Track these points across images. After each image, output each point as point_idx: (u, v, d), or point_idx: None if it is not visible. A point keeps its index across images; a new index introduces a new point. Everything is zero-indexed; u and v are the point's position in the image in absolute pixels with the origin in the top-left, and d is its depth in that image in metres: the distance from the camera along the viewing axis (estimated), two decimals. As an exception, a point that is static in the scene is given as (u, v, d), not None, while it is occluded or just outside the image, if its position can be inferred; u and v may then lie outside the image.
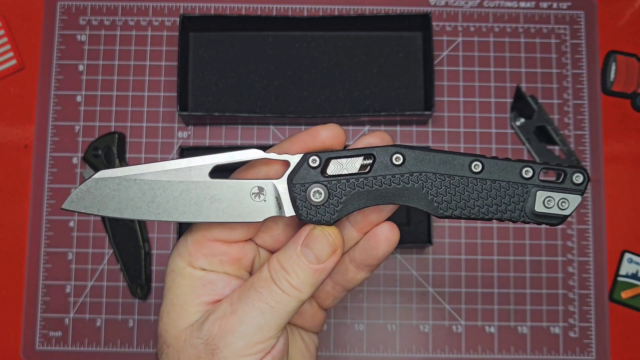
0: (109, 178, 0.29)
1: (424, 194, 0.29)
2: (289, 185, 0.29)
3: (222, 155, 0.29)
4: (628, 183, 0.58)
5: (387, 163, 0.29)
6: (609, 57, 0.59)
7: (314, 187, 0.29)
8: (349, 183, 0.29)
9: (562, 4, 0.60)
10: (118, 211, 0.29)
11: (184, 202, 0.29)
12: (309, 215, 0.29)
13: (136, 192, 0.29)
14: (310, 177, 0.29)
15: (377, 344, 0.55)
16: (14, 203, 0.57)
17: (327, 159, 0.29)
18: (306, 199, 0.29)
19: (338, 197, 0.29)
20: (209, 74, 0.58)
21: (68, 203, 0.29)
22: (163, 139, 0.57)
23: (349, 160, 0.29)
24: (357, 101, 0.58)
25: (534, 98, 0.58)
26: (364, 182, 0.29)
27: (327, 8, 0.59)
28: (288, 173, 0.29)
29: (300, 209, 0.29)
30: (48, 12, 0.59)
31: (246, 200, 0.29)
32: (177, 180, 0.29)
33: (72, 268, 0.56)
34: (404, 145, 0.29)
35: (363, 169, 0.29)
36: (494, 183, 0.29)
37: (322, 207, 0.29)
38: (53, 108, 0.58)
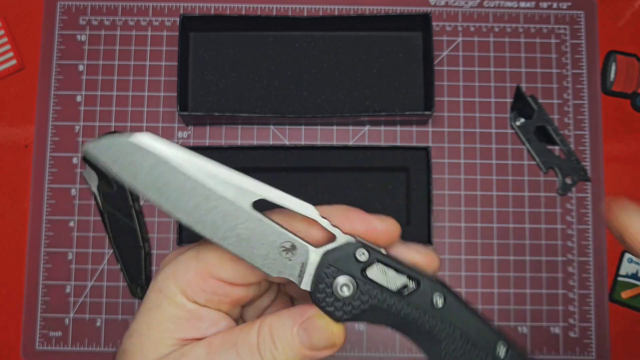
0: (150, 152, 0.25)
1: (440, 349, 0.27)
2: (322, 261, 0.26)
3: (276, 194, 0.26)
4: (628, 183, 0.58)
5: (427, 299, 0.26)
6: (609, 57, 0.59)
7: (346, 279, 0.26)
8: (381, 296, 0.26)
9: (562, 4, 0.60)
10: (143, 186, 0.25)
11: (214, 218, 0.26)
12: (323, 302, 0.26)
13: (172, 180, 0.26)
14: (347, 267, 0.26)
15: (377, 344, 0.55)
16: (14, 203, 0.57)
17: (376, 259, 0.26)
18: (331, 286, 0.26)
19: (361, 302, 0.26)
20: (209, 74, 0.58)
21: (93, 146, 0.25)
22: (163, 139, 0.57)
23: (395, 275, 0.26)
24: (357, 101, 0.58)
25: (534, 98, 0.58)
26: (396, 303, 0.26)
27: (327, 8, 0.59)
28: (328, 249, 0.26)
29: (320, 291, 0.26)
30: (48, 12, 0.59)
31: (273, 249, 0.26)
32: (219, 192, 0.26)
33: (72, 268, 0.56)
34: (448, 289, 0.26)
35: (403, 290, 0.26)
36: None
37: (341, 302, 0.26)
38: (53, 108, 0.58)
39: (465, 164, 0.57)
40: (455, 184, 0.57)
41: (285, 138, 0.58)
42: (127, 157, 0.25)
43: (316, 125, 0.58)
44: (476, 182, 0.57)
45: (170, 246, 0.56)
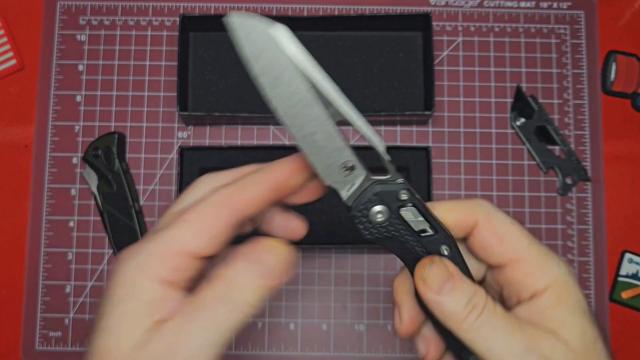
0: (279, 45, 0.28)
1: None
2: (369, 189, 0.30)
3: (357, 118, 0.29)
4: (628, 183, 0.58)
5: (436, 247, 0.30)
6: (609, 57, 0.59)
7: (382, 209, 0.30)
8: (404, 231, 0.30)
9: (562, 4, 0.60)
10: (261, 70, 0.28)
11: (304, 118, 0.30)
12: (357, 219, 0.30)
13: (285, 74, 0.28)
14: (387, 200, 0.30)
15: (376, 344, 0.55)
16: (14, 203, 0.57)
17: (412, 204, 0.30)
18: (368, 210, 0.30)
19: (386, 231, 0.30)
20: (209, 74, 0.58)
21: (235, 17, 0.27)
22: (163, 139, 0.57)
23: (422, 220, 0.30)
24: (357, 101, 0.57)
25: (534, 98, 0.58)
26: (411, 240, 0.30)
27: (327, 8, 0.59)
28: (380, 178, 0.30)
29: (358, 209, 0.30)
30: (48, 12, 0.59)
31: (336, 163, 0.30)
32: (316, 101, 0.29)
33: (72, 268, 0.56)
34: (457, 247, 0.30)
35: (422, 231, 0.30)
36: None
37: (370, 224, 0.30)
38: (53, 108, 0.58)
39: (466, 164, 0.57)
40: (455, 184, 0.57)
41: (285, 138, 0.58)
42: (258, 40, 0.27)
43: (316, 125, 0.58)
44: (476, 182, 0.57)
45: (170, 246, 0.56)
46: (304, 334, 0.55)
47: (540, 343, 0.28)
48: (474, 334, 0.29)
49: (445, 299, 0.29)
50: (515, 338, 0.28)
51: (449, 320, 0.29)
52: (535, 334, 0.29)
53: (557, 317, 0.29)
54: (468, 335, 0.29)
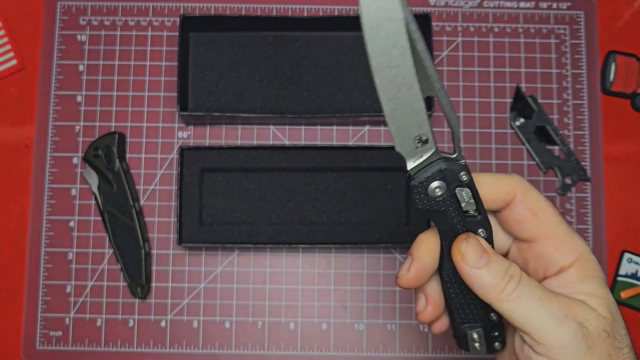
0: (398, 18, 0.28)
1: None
2: (436, 162, 0.31)
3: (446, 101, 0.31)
4: (627, 183, 0.58)
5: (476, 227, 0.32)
6: (608, 57, 0.59)
7: (441, 185, 0.32)
8: (454, 209, 0.32)
9: (561, 4, 0.60)
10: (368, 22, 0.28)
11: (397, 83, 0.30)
12: (413, 187, 0.32)
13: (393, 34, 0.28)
14: (448, 178, 0.31)
15: (376, 343, 0.55)
16: (15, 203, 0.57)
17: (467, 184, 0.32)
18: (427, 182, 0.32)
19: (437, 205, 0.32)
20: (209, 74, 0.58)
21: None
22: (163, 139, 0.57)
23: (472, 202, 0.32)
24: (357, 101, 0.58)
25: (534, 98, 0.58)
26: (456, 217, 0.32)
27: (327, 8, 0.59)
28: (446, 155, 0.32)
29: (417, 179, 0.32)
30: (48, 12, 0.59)
31: (411, 133, 0.31)
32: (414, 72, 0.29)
33: (73, 268, 0.56)
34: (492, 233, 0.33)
35: (468, 212, 0.32)
36: None
37: (426, 196, 0.32)
38: (53, 108, 0.58)
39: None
40: (455, 184, 0.57)
41: (285, 138, 0.58)
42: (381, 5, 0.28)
43: (316, 125, 0.58)
44: (476, 182, 0.57)
45: (170, 246, 0.56)
46: (304, 333, 0.55)
47: (576, 310, 0.30)
48: (513, 304, 0.30)
49: (482, 272, 0.31)
50: (553, 306, 0.30)
51: (488, 291, 0.31)
52: (569, 302, 0.30)
53: (585, 289, 0.31)
54: (508, 305, 0.30)
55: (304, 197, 0.56)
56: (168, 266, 0.56)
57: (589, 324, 0.30)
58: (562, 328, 0.29)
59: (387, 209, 0.56)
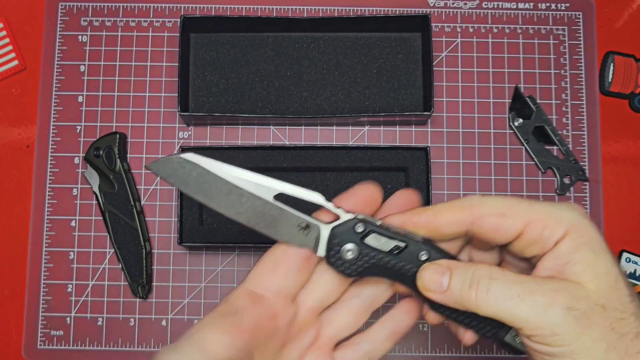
0: (195, 164, 0.33)
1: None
2: (331, 235, 0.34)
3: (290, 187, 0.34)
4: (626, 183, 0.58)
5: (414, 256, 0.33)
6: (607, 58, 0.59)
7: (349, 246, 0.33)
8: (378, 256, 0.33)
9: (560, 5, 0.60)
10: (191, 190, 0.33)
11: (247, 209, 0.33)
12: (335, 264, 0.34)
13: (212, 184, 0.33)
14: (350, 237, 0.33)
15: (376, 342, 0.55)
16: (16, 203, 0.57)
17: (370, 231, 0.33)
18: (339, 252, 0.33)
19: (364, 262, 0.33)
20: (209, 75, 0.58)
21: (153, 164, 0.33)
22: (164, 139, 0.58)
23: (386, 240, 0.33)
24: (356, 101, 0.58)
25: (533, 98, 0.58)
26: (389, 261, 0.33)
27: (326, 9, 0.60)
28: (335, 224, 0.33)
29: (331, 256, 0.34)
30: (49, 13, 0.59)
31: (293, 228, 0.34)
32: (248, 190, 0.33)
33: (74, 267, 0.56)
34: (435, 247, 0.33)
35: (394, 250, 0.33)
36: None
37: (348, 263, 0.33)
38: (54, 108, 0.58)
39: (464, 164, 0.58)
40: (454, 184, 0.57)
41: (285, 138, 0.58)
42: (179, 170, 0.33)
43: (316, 125, 0.58)
44: (475, 182, 0.57)
45: (171, 246, 0.56)
46: (304, 332, 0.55)
47: (561, 295, 0.29)
48: (492, 307, 0.30)
49: (450, 289, 0.31)
50: (535, 298, 0.29)
51: (464, 304, 0.31)
52: (556, 287, 0.30)
53: (579, 258, 0.30)
54: (488, 309, 0.30)
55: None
56: (169, 266, 0.56)
57: (579, 304, 0.29)
58: (549, 316, 0.29)
59: (386, 208, 0.56)
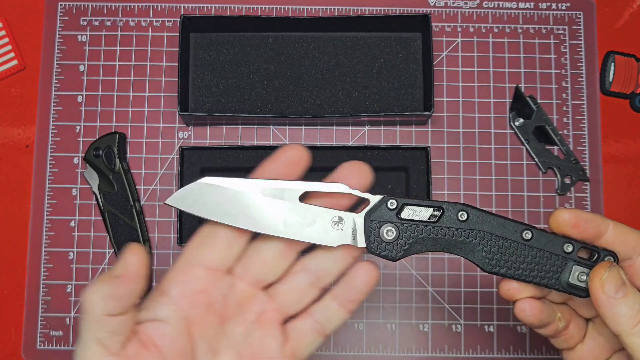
0: (214, 185, 0.33)
1: (479, 250, 0.33)
2: (366, 221, 0.33)
3: (313, 184, 0.33)
4: (626, 183, 0.58)
5: (453, 218, 0.33)
6: (607, 58, 0.59)
7: (388, 226, 0.33)
8: (418, 228, 0.33)
9: (560, 5, 0.60)
10: (215, 215, 0.32)
11: (274, 219, 0.33)
12: (378, 249, 0.33)
13: (234, 202, 0.32)
14: (386, 217, 0.33)
15: (376, 343, 0.55)
16: (16, 203, 0.57)
17: (403, 204, 0.33)
18: (379, 235, 0.33)
19: (406, 239, 0.33)
20: (209, 75, 0.58)
21: (172, 199, 0.33)
22: (164, 139, 0.58)
23: (421, 209, 0.33)
24: (356, 101, 0.58)
25: (533, 98, 0.58)
26: (431, 229, 0.33)
27: (326, 9, 0.60)
28: (367, 210, 0.33)
29: (372, 242, 0.33)
30: (49, 13, 0.59)
31: (327, 226, 0.33)
32: (271, 198, 0.33)
33: (73, 268, 0.56)
34: (470, 205, 0.33)
35: (431, 219, 0.33)
36: (539, 251, 0.33)
37: (391, 244, 0.33)
38: (54, 108, 0.58)
39: (465, 164, 0.58)
40: (454, 184, 0.57)
41: (285, 138, 0.58)
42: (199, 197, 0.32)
43: (316, 125, 0.58)
44: (475, 182, 0.57)
45: (171, 246, 0.56)
46: (304, 333, 0.55)
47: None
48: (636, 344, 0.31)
49: (619, 302, 0.31)
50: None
51: (620, 322, 0.31)
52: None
53: None
54: (635, 340, 0.31)
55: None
56: (169, 266, 0.56)
57: None
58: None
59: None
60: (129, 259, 0.31)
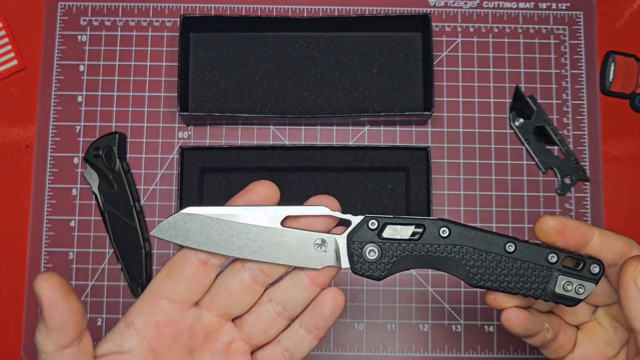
0: (195, 214, 0.33)
1: (463, 265, 0.33)
2: (349, 242, 0.33)
3: (294, 208, 0.33)
4: (627, 183, 0.58)
5: (435, 234, 0.33)
6: (607, 58, 0.59)
7: (370, 246, 0.33)
8: (400, 246, 0.33)
9: (560, 5, 0.60)
10: (198, 244, 0.33)
11: (256, 244, 0.33)
12: (362, 270, 0.33)
13: (216, 230, 0.33)
14: (367, 237, 0.33)
15: (376, 343, 0.55)
16: (15, 203, 0.57)
17: (384, 223, 0.33)
18: (362, 256, 0.33)
19: (389, 257, 0.33)
20: (209, 75, 0.58)
21: (156, 231, 0.33)
22: (163, 139, 0.58)
23: (402, 227, 0.33)
24: (357, 101, 0.58)
25: (533, 98, 0.58)
26: (413, 247, 0.33)
27: (327, 9, 0.60)
28: (349, 231, 0.33)
29: (356, 263, 0.33)
30: (49, 13, 0.59)
31: (310, 249, 0.33)
32: (253, 224, 0.33)
33: (73, 268, 0.56)
34: (451, 221, 0.33)
35: (413, 236, 0.33)
36: (523, 263, 0.33)
37: (374, 264, 0.33)
38: (54, 108, 0.58)
39: (465, 164, 0.58)
40: (454, 184, 0.57)
41: (285, 138, 0.58)
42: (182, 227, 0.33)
43: (316, 125, 0.58)
44: (475, 182, 0.57)
45: (171, 245, 0.56)
46: (304, 333, 0.55)
47: None
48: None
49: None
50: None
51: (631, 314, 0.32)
52: None
53: None
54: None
55: (304, 197, 0.56)
56: (168, 266, 0.56)
57: None
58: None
59: (386, 208, 0.56)
60: (37, 290, 0.30)
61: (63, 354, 0.31)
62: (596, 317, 0.37)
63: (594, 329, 0.37)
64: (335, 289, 0.35)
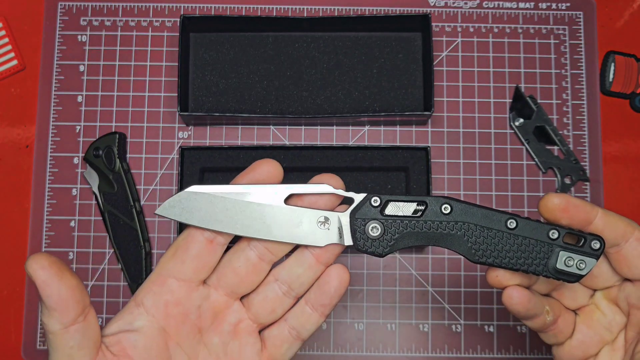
0: (200, 193, 0.33)
1: (465, 241, 0.34)
2: (352, 219, 0.34)
3: (298, 186, 0.33)
4: (627, 183, 0.58)
5: (437, 211, 0.33)
6: (607, 58, 0.59)
7: (373, 223, 0.33)
8: (403, 223, 0.33)
9: (560, 5, 0.60)
10: (203, 222, 0.33)
11: (260, 222, 0.33)
12: (365, 246, 0.34)
13: (221, 208, 0.33)
14: (370, 214, 0.33)
15: (376, 343, 0.55)
16: (15, 203, 0.57)
17: (387, 200, 0.34)
18: (364, 232, 0.33)
19: (392, 234, 0.34)
20: (209, 75, 0.58)
21: (161, 209, 0.33)
22: (164, 139, 0.58)
23: (405, 204, 0.34)
24: (356, 101, 0.58)
25: (533, 98, 0.58)
26: (416, 224, 0.33)
27: (327, 9, 0.60)
28: (352, 208, 0.34)
29: (359, 240, 0.34)
30: (49, 13, 0.59)
31: (313, 226, 0.34)
32: (257, 202, 0.33)
33: (73, 268, 0.56)
34: (452, 198, 0.34)
35: (415, 213, 0.34)
36: (525, 239, 0.33)
37: (377, 240, 0.34)
38: (54, 108, 0.58)
39: (465, 164, 0.58)
40: (454, 184, 0.57)
41: (285, 138, 0.58)
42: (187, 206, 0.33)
43: (316, 125, 0.58)
44: (475, 182, 0.57)
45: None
46: (304, 333, 0.55)
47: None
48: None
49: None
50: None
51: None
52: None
53: None
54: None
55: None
56: (168, 266, 0.56)
57: None
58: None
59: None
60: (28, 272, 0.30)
61: (69, 331, 0.31)
62: (594, 300, 0.37)
63: (592, 313, 0.37)
64: (340, 266, 0.35)
